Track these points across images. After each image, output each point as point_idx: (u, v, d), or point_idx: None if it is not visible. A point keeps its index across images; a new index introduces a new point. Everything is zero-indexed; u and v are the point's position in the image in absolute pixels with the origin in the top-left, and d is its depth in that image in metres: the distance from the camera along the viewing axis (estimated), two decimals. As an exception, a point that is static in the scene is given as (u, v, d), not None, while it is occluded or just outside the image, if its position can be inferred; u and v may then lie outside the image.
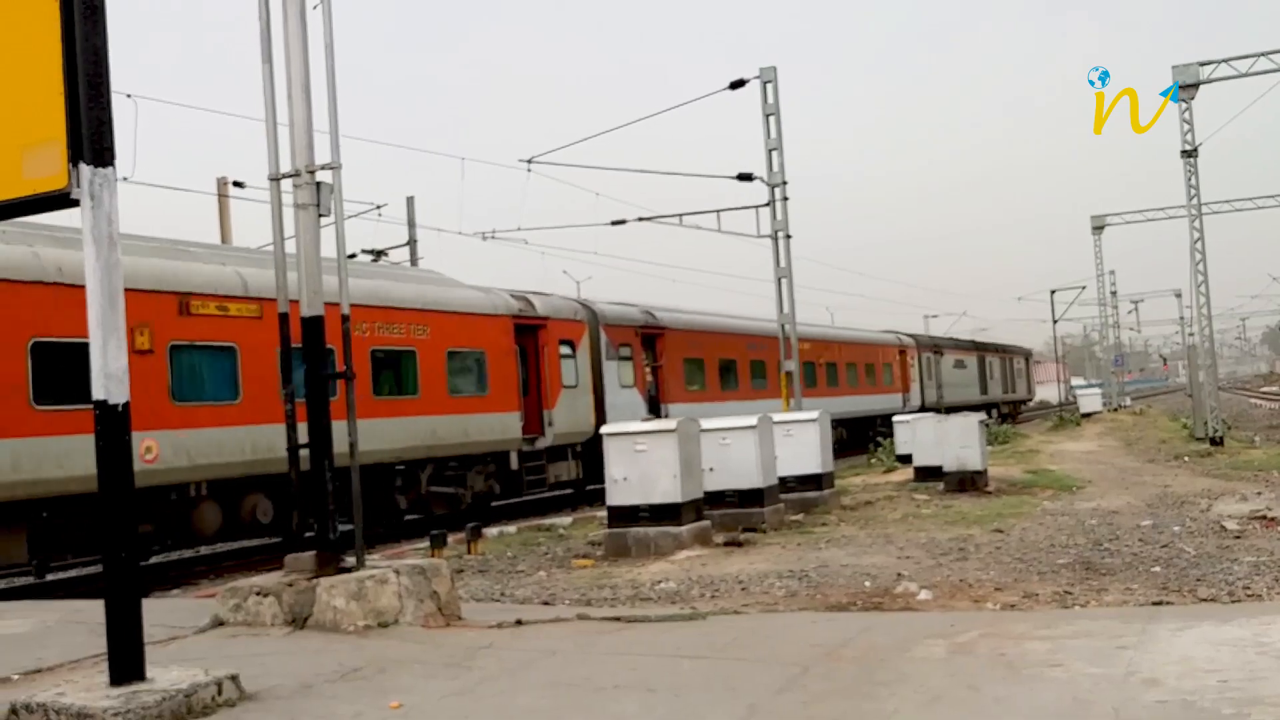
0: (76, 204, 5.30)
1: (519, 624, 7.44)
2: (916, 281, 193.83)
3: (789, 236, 23.99)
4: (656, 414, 25.15)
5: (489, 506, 20.68)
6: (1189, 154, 28.35)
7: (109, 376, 5.31)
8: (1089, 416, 48.28)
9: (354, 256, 27.04)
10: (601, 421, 23.03)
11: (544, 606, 9.30)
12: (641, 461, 12.84)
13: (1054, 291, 62.59)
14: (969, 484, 18.15)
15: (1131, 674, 5.29)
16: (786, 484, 16.01)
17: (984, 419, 20.17)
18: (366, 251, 29.50)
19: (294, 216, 7.91)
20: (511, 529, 16.84)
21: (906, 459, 22.33)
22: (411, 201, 32.28)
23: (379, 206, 29.46)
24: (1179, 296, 64.31)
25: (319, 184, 7.78)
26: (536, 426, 21.63)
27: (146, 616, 5.49)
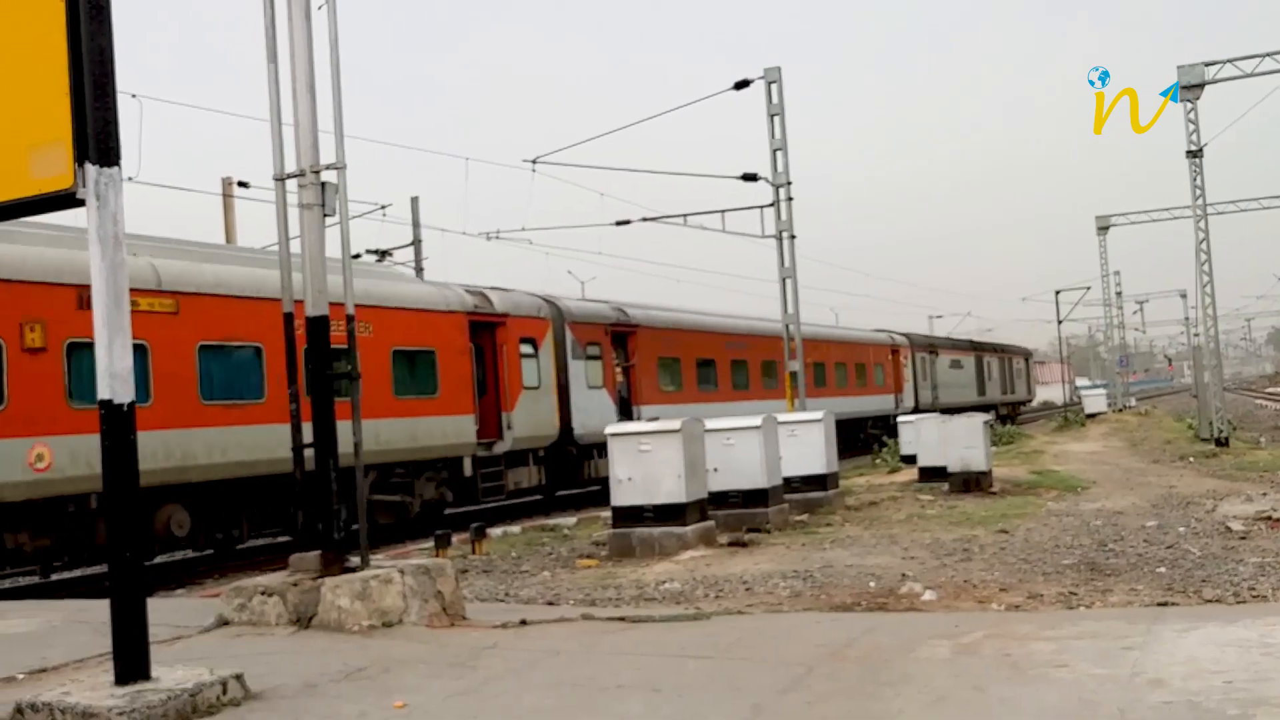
0: (82, 204, 5.31)
1: (523, 624, 7.44)
2: (920, 282, 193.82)
3: (793, 237, 24.00)
4: (628, 416, 24.17)
5: (441, 515, 19.40)
6: (1194, 154, 28.31)
7: (114, 376, 5.33)
8: (1094, 417, 48.21)
9: (358, 256, 27.08)
10: (567, 425, 22.31)
11: (548, 606, 9.31)
12: (646, 462, 12.84)
13: (1059, 292, 62.74)
14: (973, 485, 18.14)
15: (1137, 675, 5.29)
16: (791, 484, 16.01)
17: (988, 419, 20.14)
18: (371, 251, 29.53)
19: (299, 216, 7.93)
20: (516, 529, 16.87)
21: (911, 459, 22.33)
22: (416, 202, 32.29)
23: (384, 207, 29.44)
24: (1184, 297, 64.26)
25: (324, 184, 7.80)
26: (494, 430, 20.46)
27: (151, 616, 5.49)
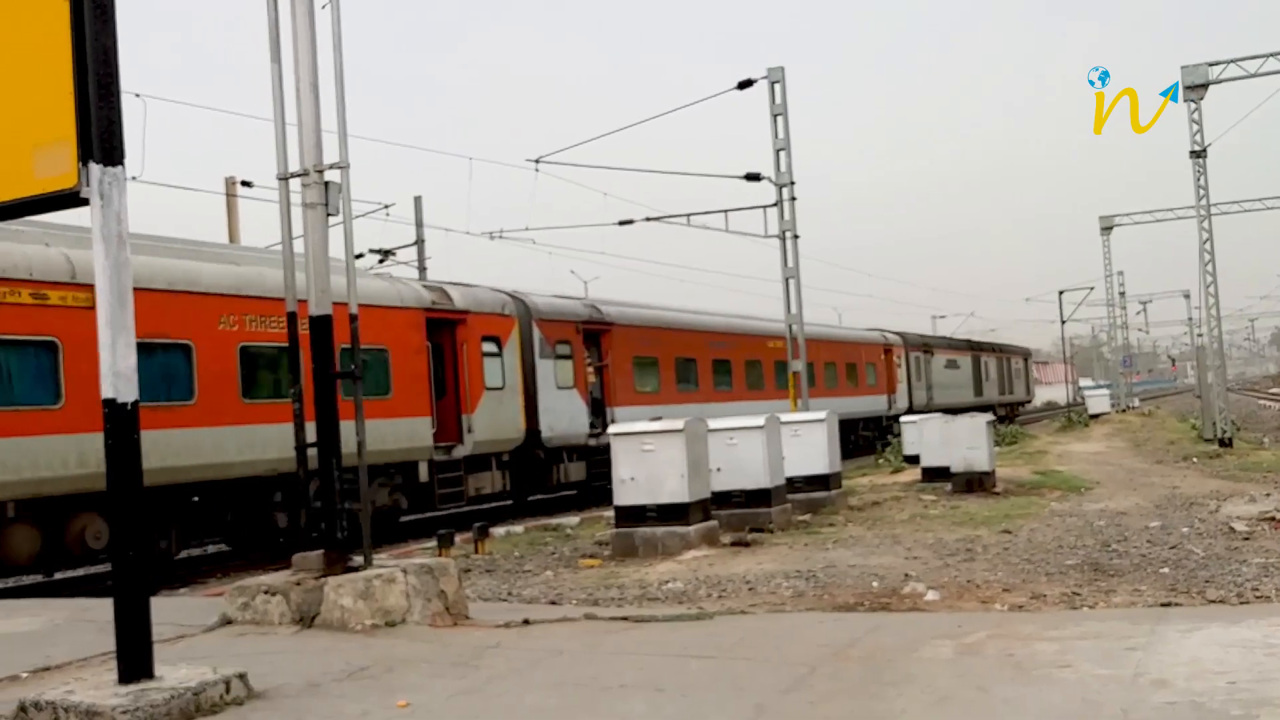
0: (86, 203, 5.31)
1: (526, 623, 7.45)
2: (923, 282, 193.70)
3: (796, 236, 24.00)
4: (601, 418, 23.34)
5: (396, 523, 18.57)
6: (1198, 154, 28.28)
7: (118, 375, 5.33)
8: (1097, 417, 48.10)
9: (361, 256, 27.08)
10: (533, 427, 21.48)
11: (551, 606, 9.31)
12: (649, 461, 12.84)
13: (1062, 292, 62.65)
14: (976, 485, 18.13)
15: (1140, 675, 5.28)
16: (794, 484, 16.00)
17: (991, 419, 20.13)
18: (374, 251, 29.52)
19: (302, 216, 7.93)
20: (519, 529, 16.87)
21: (914, 460, 22.33)
22: (419, 201, 32.28)
23: (387, 206, 29.42)
24: (1187, 297, 64.26)
25: (327, 183, 7.80)
26: (454, 433, 19.44)
27: (154, 615, 5.50)
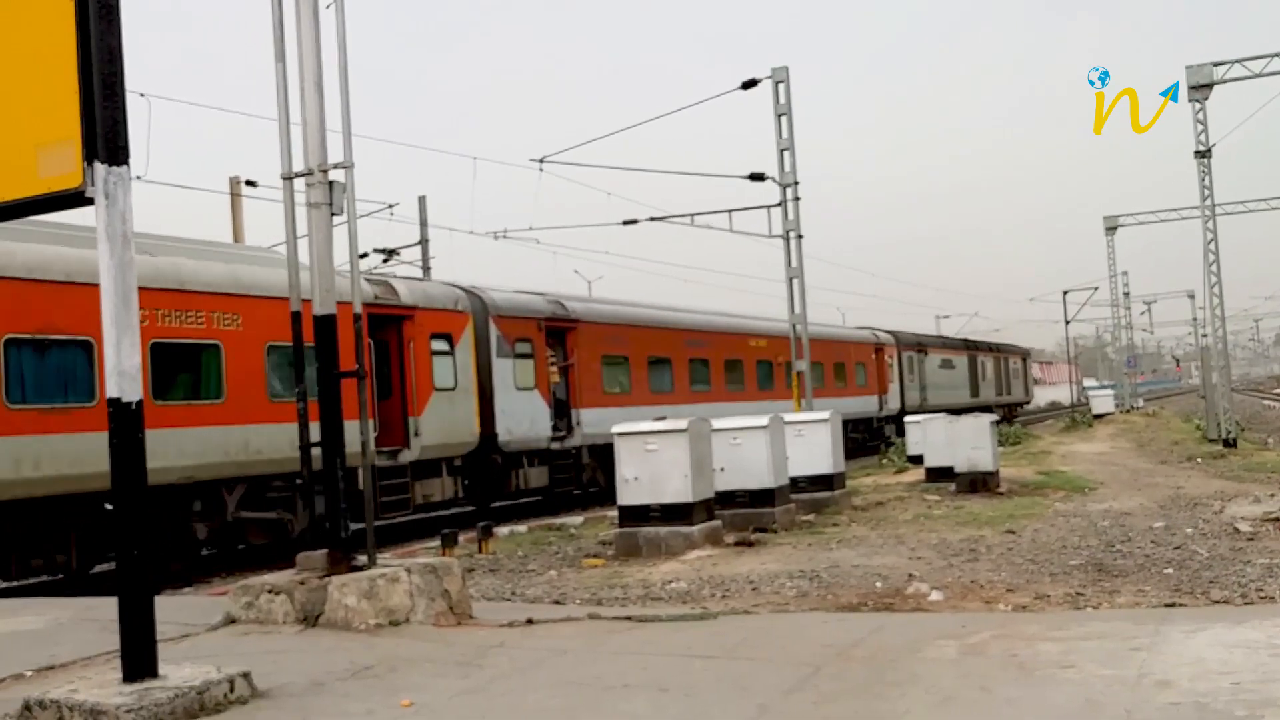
0: (91, 202, 5.32)
1: (530, 623, 7.45)
2: (927, 282, 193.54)
3: (800, 236, 24.01)
4: (565, 420, 22.45)
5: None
6: (1202, 154, 28.24)
7: (122, 374, 5.33)
8: (1101, 418, 48.06)
9: (366, 256, 27.10)
10: (489, 431, 20.28)
11: (555, 606, 9.31)
12: (652, 461, 12.85)
13: (1066, 292, 62.62)
14: (980, 485, 18.12)
15: (1144, 676, 5.28)
16: (798, 484, 16.01)
17: (995, 420, 20.11)
18: (378, 251, 29.54)
19: (307, 215, 7.94)
20: (522, 528, 16.89)
21: (918, 460, 22.32)
22: (423, 201, 32.29)
23: (391, 206, 29.45)
24: (1192, 297, 64.11)
25: (332, 183, 7.80)
26: (399, 437, 18.18)
27: (159, 614, 5.50)
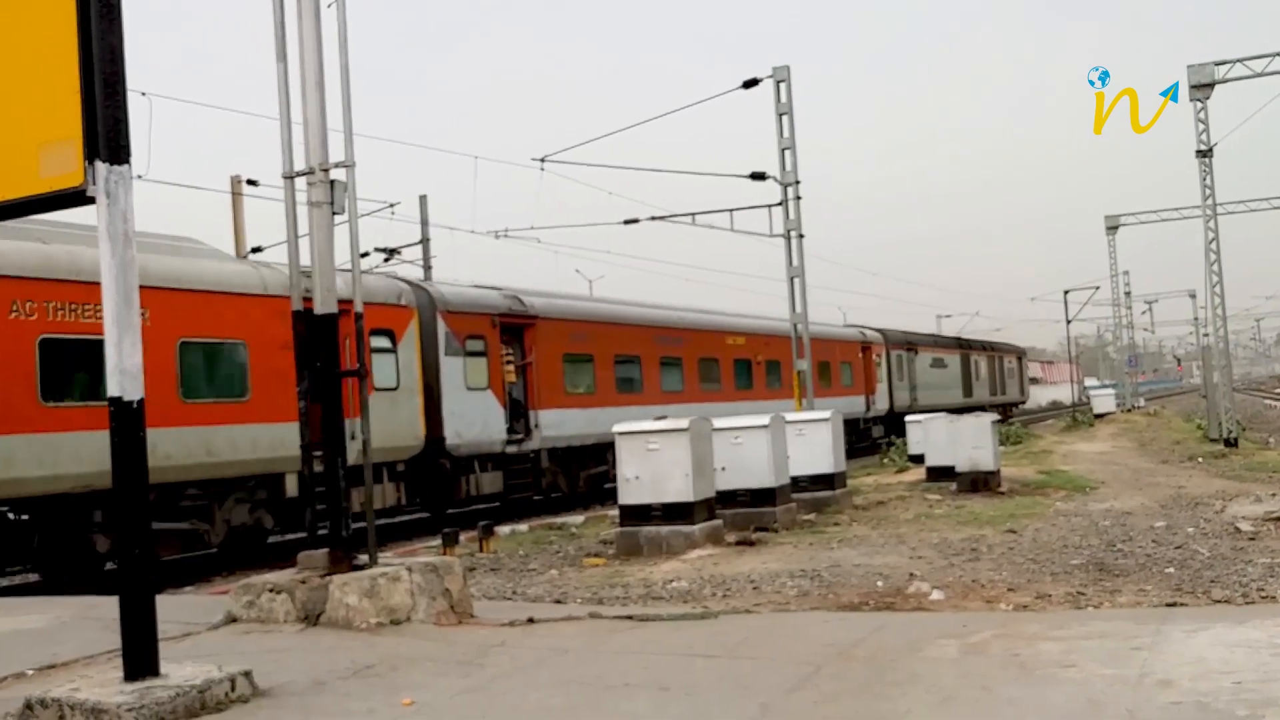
0: (92, 201, 5.32)
1: (531, 622, 7.45)
2: (929, 282, 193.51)
3: (801, 236, 24.01)
4: (523, 422, 21.46)
5: (264, 544, 16.39)
6: (1204, 154, 28.24)
7: (124, 373, 5.33)
8: (1102, 417, 48.12)
9: (367, 255, 27.10)
10: (436, 434, 19.16)
11: (556, 605, 9.31)
12: (654, 461, 12.85)
13: (1067, 292, 62.45)
14: (981, 484, 18.12)
15: (1145, 675, 5.27)
16: (799, 483, 16.01)
17: (997, 419, 20.11)
18: (379, 250, 29.55)
19: (308, 214, 7.94)
20: (524, 527, 16.89)
21: (919, 459, 22.32)
22: (424, 200, 32.29)
23: (392, 205, 29.44)
24: (1193, 297, 64.04)
25: (333, 182, 7.80)
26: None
27: (160, 613, 5.50)
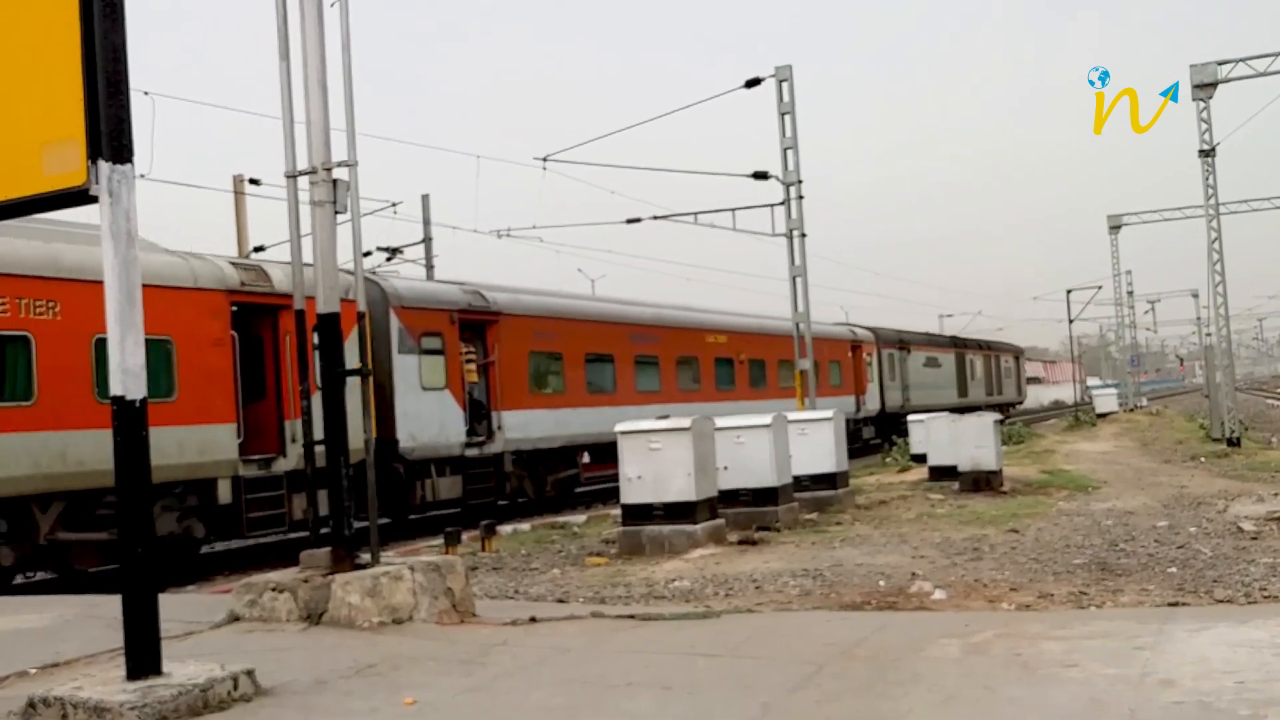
0: (95, 200, 5.32)
1: (533, 621, 7.45)
2: (931, 282, 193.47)
3: (804, 235, 24.01)
4: (484, 423, 20.44)
5: (196, 555, 15.39)
6: (1207, 153, 28.22)
7: (126, 372, 5.33)
8: (1105, 417, 48.09)
9: (369, 254, 27.14)
10: (388, 435, 17.95)
11: (558, 604, 9.31)
12: (656, 460, 12.84)
13: (1070, 291, 62.38)
14: (984, 484, 18.11)
15: (1147, 675, 5.27)
16: (801, 483, 16.00)
17: (999, 419, 20.11)
18: (382, 249, 29.59)
19: (310, 214, 7.94)
20: (526, 527, 16.90)
21: (921, 458, 22.31)
22: (426, 200, 32.33)
23: (394, 204, 29.52)
24: (1196, 296, 64.08)
25: (335, 181, 7.80)
26: (272, 443, 15.98)
27: (162, 611, 5.51)
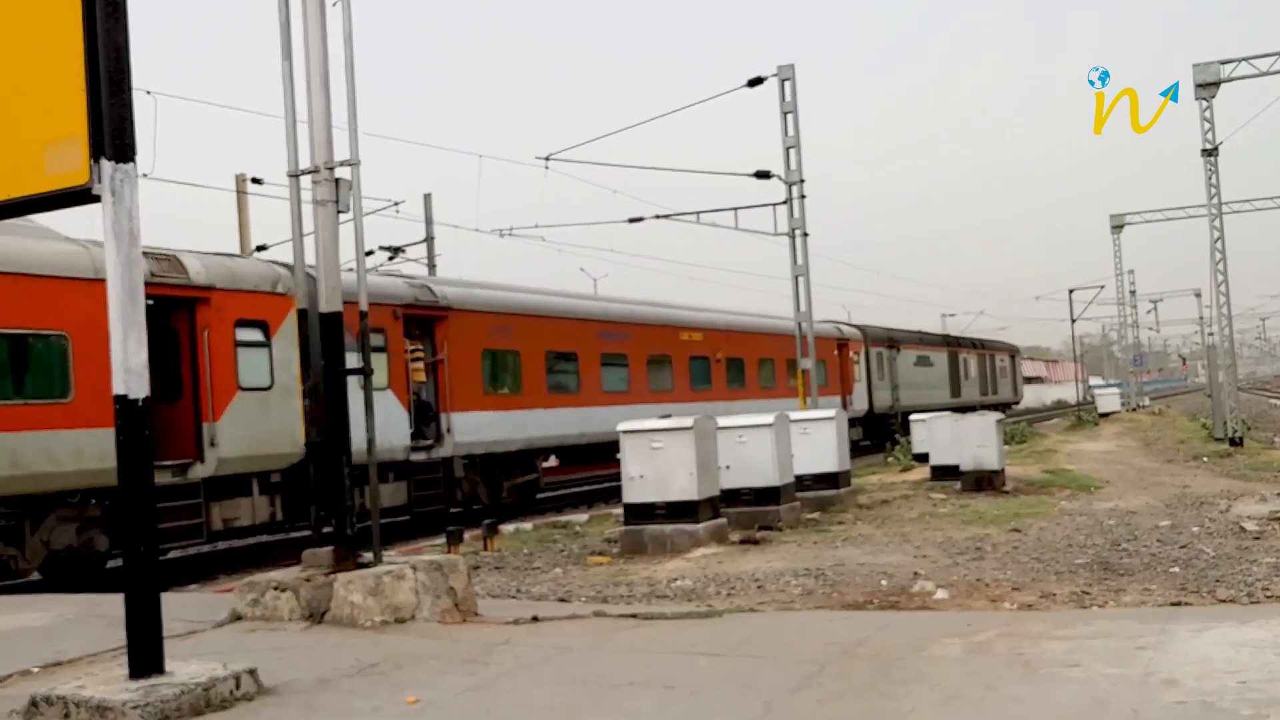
0: (98, 199, 5.32)
1: (535, 620, 7.45)
2: (933, 281, 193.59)
3: (806, 234, 24.01)
4: (434, 425, 19.40)
5: (102, 569, 14.16)
6: (1209, 153, 28.20)
7: (129, 371, 5.33)
8: (1107, 416, 48.09)
9: (372, 253, 27.16)
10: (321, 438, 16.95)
11: (560, 603, 9.31)
12: (658, 459, 12.84)
13: (1072, 291, 62.39)
14: (986, 483, 18.10)
15: (1150, 674, 5.27)
16: (803, 482, 15.99)
17: (1001, 418, 20.09)
18: (384, 248, 29.62)
19: (313, 213, 7.94)
20: (528, 526, 16.90)
21: (923, 458, 22.30)
22: (429, 199, 32.36)
23: (397, 203, 29.54)
24: (1198, 296, 64.06)
25: (338, 180, 7.80)
26: (188, 447, 14.88)
27: (165, 610, 5.51)
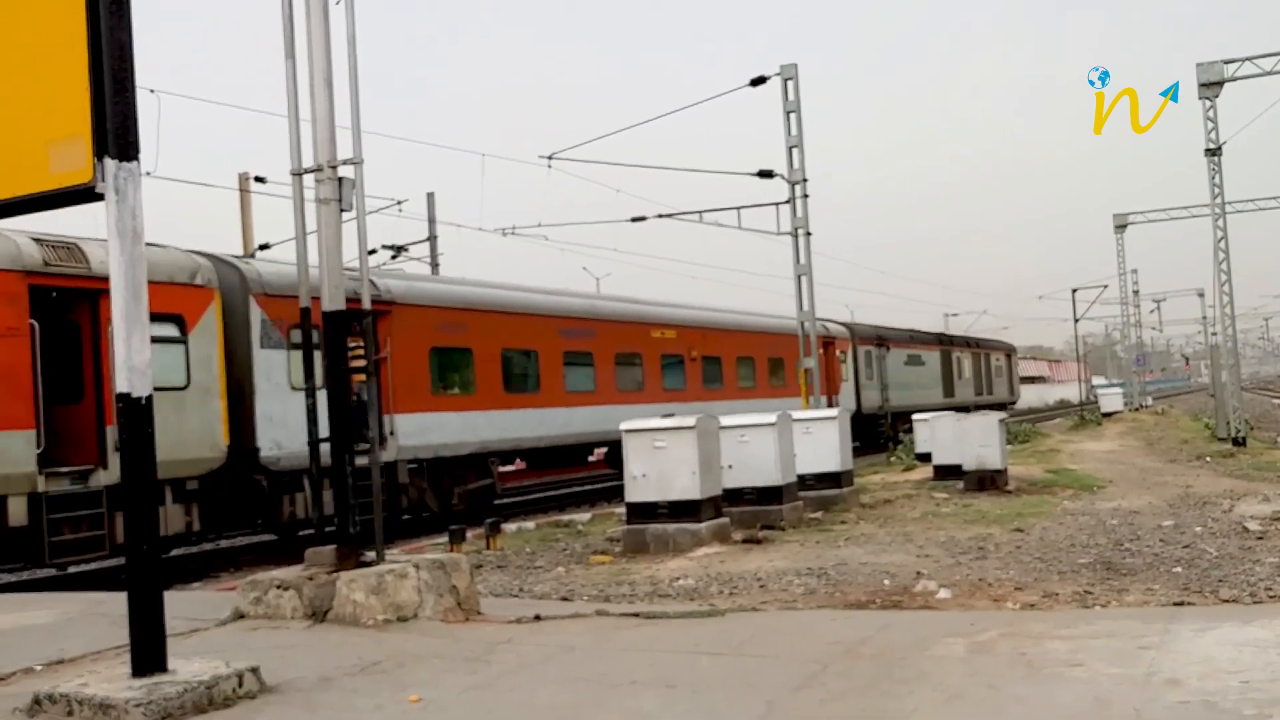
0: (101, 198, 5.33)
1: (538, 619, 7.45)
2: (936, 281, 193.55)
3: (809, 234, 24.01)
4: (377, 429, 18.14)
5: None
6: (1212, 152, 28.18)
7: (133, 370, 5.34)
8: (1110, 416, 48.09)
9: (374, 252, 27.17)
10: (248, 443, 15.65)
11: (562, 602, 9.32)
12: (660, 458, 12.84)
13: (1075, 290, 62.39)
14: (988, 483, 18.09)
15: (1153, 674, 5.26)
16: (805, 481, 15.99)
17: (1003, 418, 20.09)
18: (387, 247, 29.63)
19: (316, 212, 7.94)
20: (530, 525, 16.90)
21: (926, 457, 22.30)
22: (432, 198, 32.37)
23: (400, 202, 29.56)
24: (1202, 296, 64.07)
25: (341, 179, 7.80)
26: (90, 453, 13.74)
27: (168, 609, 5.52)
